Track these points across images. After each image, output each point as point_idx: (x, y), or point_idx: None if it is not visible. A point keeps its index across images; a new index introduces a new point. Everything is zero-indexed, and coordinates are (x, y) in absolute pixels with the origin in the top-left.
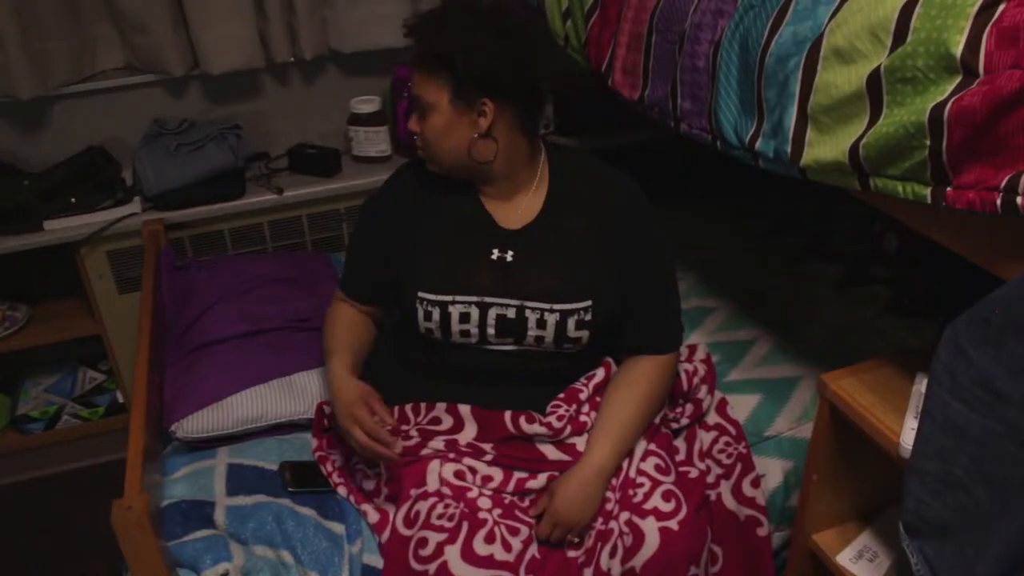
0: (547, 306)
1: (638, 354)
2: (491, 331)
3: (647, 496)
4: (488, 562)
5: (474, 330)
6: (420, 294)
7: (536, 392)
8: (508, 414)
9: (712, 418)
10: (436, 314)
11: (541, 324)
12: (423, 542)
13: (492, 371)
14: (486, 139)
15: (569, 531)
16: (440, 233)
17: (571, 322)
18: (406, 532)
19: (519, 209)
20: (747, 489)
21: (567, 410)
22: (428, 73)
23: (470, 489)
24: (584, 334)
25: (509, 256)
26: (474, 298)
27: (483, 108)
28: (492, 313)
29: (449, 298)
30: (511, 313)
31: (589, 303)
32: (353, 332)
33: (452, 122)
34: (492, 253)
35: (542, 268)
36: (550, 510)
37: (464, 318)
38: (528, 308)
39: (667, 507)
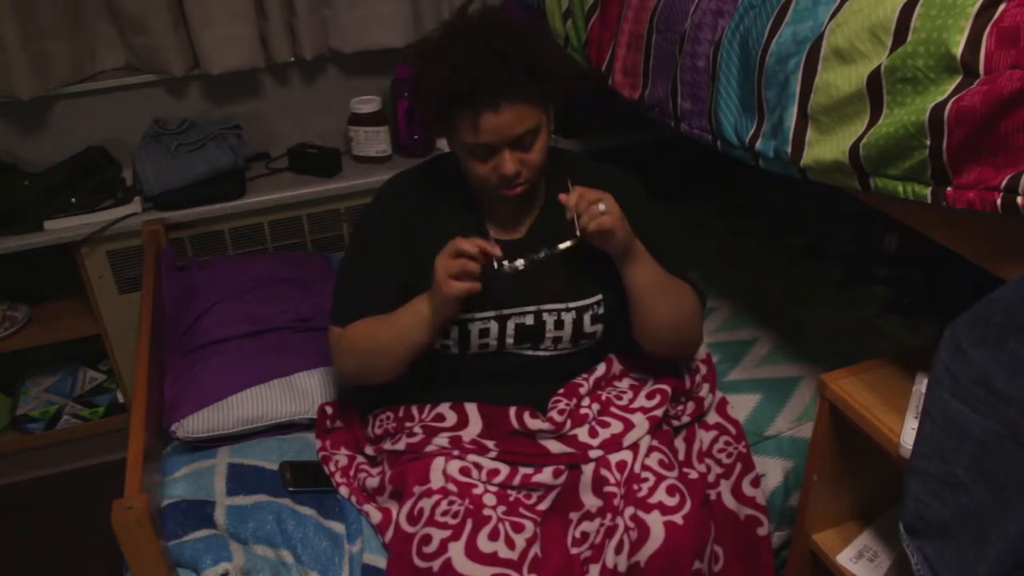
0: (563, 306)
1: None
2: (510, 340)
3: (651, 491)
4: (492, 559)
5: (492, 342)
6: None
7: (545, 390)
8: (512, 410)
9: (712, 417)
10: (455, 332)
11: (559, 325)
12: (427, 539)
13: (502, 373)
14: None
15: (600, 202)
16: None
17: (587, 318)
18: (410, 529)
19: (518, 217)
20: (747, 489)
21: (567, 404)
22: (526, 102)
23: (475, 486)
24: (599, 328)
25: (520, 264)
26: (492, 313)
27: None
28: (511, 324)
29: (467, 316)
30: (529, 320)
31: (600, 296)
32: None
33: (548, 136)
34: (503, 265)
35: (553, 270)
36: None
37: (483, 333)
38: (545, 312)
39: (671, 501)
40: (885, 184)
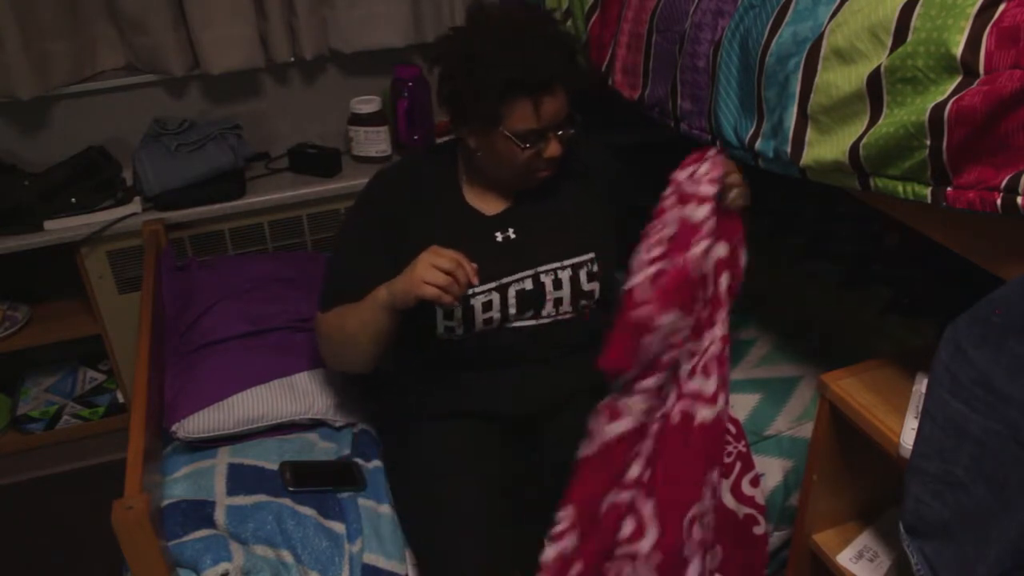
0: (558, 264)
1: None
2: (512, 310)
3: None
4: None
5: (496, 315)
6: None
7: (551, 356)
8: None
9: None
10: (458, 312)
11: (557, 284)
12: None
13: (509, 347)
14: None
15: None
16: (440, 231)
17: (583, 274)
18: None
19: (497, 195)
20: (746, 488)
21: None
22: (563, 89)
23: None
24: (596, 286)
25: (512, 233)
26: (492, 284)
27: None
28: (511, 291)
29: (468, 292)
30: (528, 284)
31: (593, 255)
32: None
33: None
34: (496, 236)
35: (543, 232)
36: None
37: (486, 307)
38: (543, 273)
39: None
40: (885, 184)
